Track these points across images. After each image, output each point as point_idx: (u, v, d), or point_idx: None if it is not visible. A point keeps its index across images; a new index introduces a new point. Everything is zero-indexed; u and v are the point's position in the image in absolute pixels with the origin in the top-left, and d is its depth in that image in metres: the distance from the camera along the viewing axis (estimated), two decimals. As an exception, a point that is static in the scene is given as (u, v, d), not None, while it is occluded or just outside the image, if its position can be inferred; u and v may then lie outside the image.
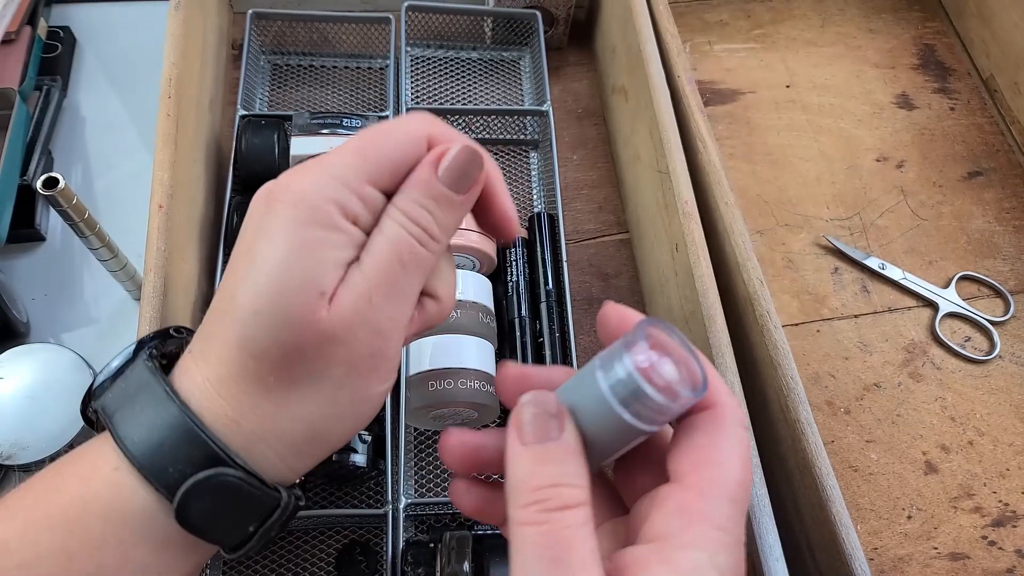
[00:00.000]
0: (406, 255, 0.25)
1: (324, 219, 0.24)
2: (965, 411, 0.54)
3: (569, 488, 0.22)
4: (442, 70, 0.64)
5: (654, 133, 0.52)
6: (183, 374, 0.25)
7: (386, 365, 0.25)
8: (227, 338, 0.24)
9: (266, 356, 0.23)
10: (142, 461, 0.23)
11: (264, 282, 0.23)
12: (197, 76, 0.54)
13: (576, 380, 0.25)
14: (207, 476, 0.23)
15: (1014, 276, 0.60)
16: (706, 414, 0.24)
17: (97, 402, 0.25)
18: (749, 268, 0.46)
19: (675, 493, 0.23)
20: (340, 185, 0.24)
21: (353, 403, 0.25)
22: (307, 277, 0.23)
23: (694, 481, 0.23)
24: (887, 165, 0.65)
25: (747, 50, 0.70)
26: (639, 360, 0.23)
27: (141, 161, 0.61)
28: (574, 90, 0.66)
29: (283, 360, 0.24)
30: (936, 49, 0.71)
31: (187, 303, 0.47)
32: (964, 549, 0.49)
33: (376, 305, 0.24)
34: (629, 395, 0.23)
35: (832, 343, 0.56)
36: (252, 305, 0.23)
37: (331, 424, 0.25)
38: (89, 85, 0.65)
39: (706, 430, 0.24)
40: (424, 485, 0.48)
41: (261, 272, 0.23)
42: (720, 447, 0.23)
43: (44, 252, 0.57)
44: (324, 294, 0.23)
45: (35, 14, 0.63)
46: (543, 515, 0.21)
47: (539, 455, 0.23)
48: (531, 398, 0.24)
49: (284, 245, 0.23)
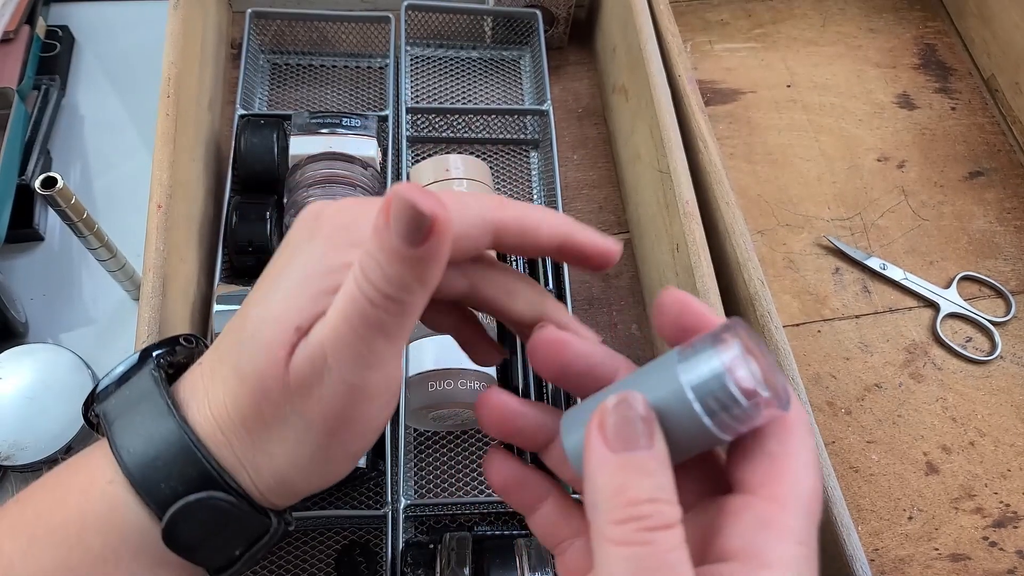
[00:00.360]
0: (355, 316, 0.22)
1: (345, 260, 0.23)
2: (966, 412, 0.54)
3: (668, 505, 0.20)
4: (442, 69, 0.64)
5: (655, 133, 0.52)
6: (188, 387, 0.25)
7: (352, 430, 0.23)
8: (229, 357, 0.24)
9: (247, 383, 0.23)
10: (136, 475, 0.23)
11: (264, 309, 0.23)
12: (196, 75, 0.54)
13: (646, 374, 0.22)
14: (198, 499, 0.23)
15: (1015, 276, 0.60)
16: (776, 421, 0.23)
17: (100, 406, 0.25)
18: (750, 268, 0.46)
19: (754, 505, 0.21)
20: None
21: (314, 461, 0.23)
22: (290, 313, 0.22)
23: (773, 493, 0.21)
24: (888, 165, 0.65)
25: (748, 49, 0.70)
26: (730, 361, 0.20)
27: (140, 161, 0.61)
28: (574, 89, 0.66)
29: (255, 394, 0.23)
30: (937, 49, 0.71)
31: (186, 303, 0.47)
32: (965, 550, 0.49)
33: (332, 365, 0.22)
34: (714, 399, 0.20)
35: (833, 343, 0.56)
36: (250, 328, 0.23)
37: (293, 475, 0.24)
38: (88, 84, 0.65)
39: (779, 438, 0.22)
40: (424, 486, 0.48)
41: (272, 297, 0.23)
42: (795, 456, 0.22)
43: (42, 252, 0.57)
44: (300, 329, 0.22)
45: (34, 13, 0.63)
46: (645, 535, 0.19)
47: (632, 465, 0.20)
48: (618, 399, 0.22)
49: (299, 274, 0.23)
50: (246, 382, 0.23)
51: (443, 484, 0.48)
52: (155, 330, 0.41)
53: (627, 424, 0.21)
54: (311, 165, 0.50)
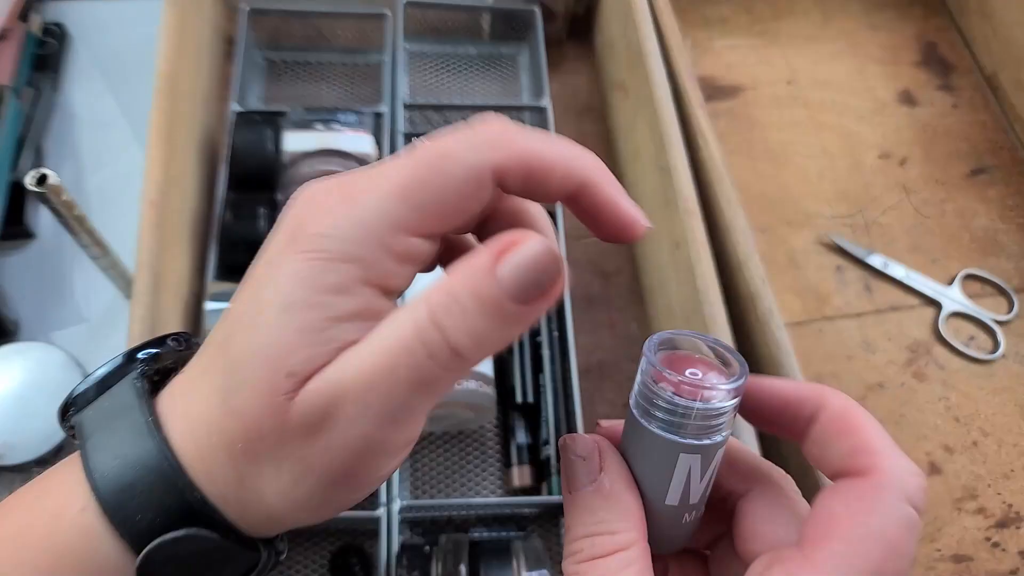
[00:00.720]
0: (404, 368, 0.18)
1: (336, 281, 0.19)
2: (969, 411, 0.53)
3: (603, 536, 0.21)
4: (439, 65, 0.64)
5: (654, 129, 0.51)
6: (173, 399, 0.22)
7: (357, 482, 0.21)
8: (215, 378, 0.21)
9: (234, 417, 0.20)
10: (110, 503, 0.20)
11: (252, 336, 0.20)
12: (191, 72, 0.53)
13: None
14: (176, 537, 0.20)
15: (1018, 274, 0.59)
16: (856, 479, 0.20)
17: (77, 416, 0.22)
18: (751, 266, 0.45)
19: (790, 560, 0.20)
20: (370, 237, 0.19)
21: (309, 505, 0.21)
22: (279, 351, 0.19)
23: (815, 554, 0.19)
24: (890, 162, 0.64)
25: (748, 46, 0.70)
26: (647, 363, 0.21)
27: (133, 158, 0.60)
28: (573, 86, 0.66)
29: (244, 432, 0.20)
30: (938, 45, 0.71)
31: (178, 301, 0.46)
32: (968, 551, 0.49)
33: (350, 417, 0.19)
34: (647, 403, 0.21)
35: (835, 342, 0.55)
36: (236, 355, 0.20)
37: (284, 514, 0.21)
38: (82, 81, 0.64)
39: (847, 498, 0.20)
40: (419, 487, 0.48)
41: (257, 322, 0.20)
42: (859, 521, 0.19)
43: (34, 250, 0.56)
44: (292, 375, 0.19)
45: (29, 10, 0.62)
46: (576, 567, 0.20)
47: (574, 504, 0.21)
48: (564, 443, 0.22)
49: (281, 300, 0.19)
50: (236, 418, 0.20)
51: (439, 485, 0.48)
52: (147, 328, 0.40)
53: (569, 466, 0.22)
54: (306, 162, 0.50)
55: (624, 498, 0.21)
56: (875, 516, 0.19)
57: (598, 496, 0.21)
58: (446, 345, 0.18)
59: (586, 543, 0.21)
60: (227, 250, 0.49)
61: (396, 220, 0.19)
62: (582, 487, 0.21)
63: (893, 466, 0.20)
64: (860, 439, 0.20)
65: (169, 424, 0.21)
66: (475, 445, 0.49)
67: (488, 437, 0.50)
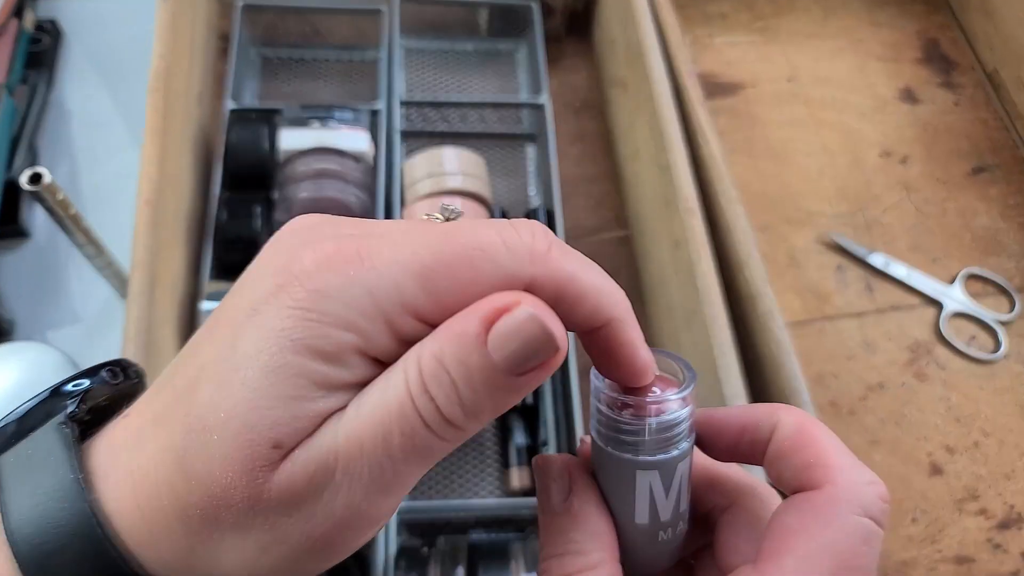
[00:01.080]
0: (399, 435, 0.17)
1: (330, 349, 0.17)
2: (970, 412, 0.53)
3: (571, 556, 0.21)
4: (436, 62, 0.63)
5: (654, 127, 0.51)
6: (113, 451, 0.19)
7: (331, 552, 0.19)
8: (172, 434, 0.18)
9: (195, 483, 0.18)
10: (29, 568, 0.18)
11: (225, 394, 0.17)
12: (185, 69, 0.53)
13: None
14: None
15: (1019, 274, 0.59)
16: (809, 493, 0.20)
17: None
18: (752, 265, 0.45)
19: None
20: (375, 310, 0.17)
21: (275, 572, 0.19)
22: (261, 419, 0.17)
23: (767, 569, 0.19)
24: (891, 160, 0.64)
25: (748, 43, 0.69)
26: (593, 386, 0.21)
27: (128, 156, 0.60)
28: (572, 83, 0.65)
29: (206, 500, 0.18)
30: (940, 43, 0.70)
31: (173, 301, 0.46)
32: (969, 552, 0.48)
33: (338, 487, 0.17)
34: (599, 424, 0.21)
35: (835, 342, 0.55)
36: (202, 412, 0.18)
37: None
38: (76, 79, 0.64)
39: (801, 512, 0.19)
40: (417, 489, 0.47)
41: (232, 379, 0.17)
42: (811, 535, 0.19)
43: (29, 249, 0.56)
44: (279, 447, 0.17)
45: (22, 7, 0.62)
46: None
47: (548, 524, 0.21)
48: (536, 464, 0.22)
49: (265, 360, 0.17)
50: (198, 484, 0.17)
51: (437, 487, 0.47)
52: (143, 327, 0.40)
53: (540, 487, 0.22)
54: (302, 160, 0.49)
55: (592, 519, 0.21)
56: (828, 529, 0.19)
57: (567, 517, 0.21)
58: (440, 417, 0.17)
59: (555, 563, 0.21)
60: (223, 249, 0.49)
61: (407, 300, 0.17)
62: (552, 508, 0.21)
63: (848, 478, 0.20)
64: (813, 452, 0.20)
65: (107, 483, 0.19)
66: (473, 447, 0.49)
67: (486, 438, 0.50)
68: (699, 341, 0.44)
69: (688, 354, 0.46)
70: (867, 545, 0.19)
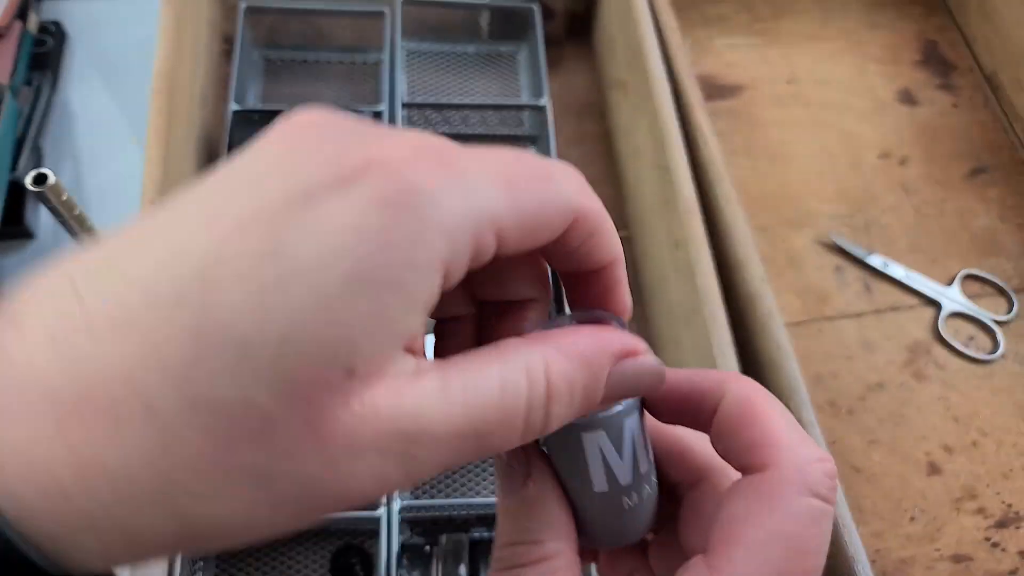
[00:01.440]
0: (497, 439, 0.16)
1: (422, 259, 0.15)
2: (968, 411, 0.53)
3: (527, 546, 0.20)
4: (438, 64, 0.64)
5: (654, 129, 0.51)
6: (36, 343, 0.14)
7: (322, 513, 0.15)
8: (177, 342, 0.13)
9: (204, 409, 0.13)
10: None
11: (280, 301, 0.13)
12: (189, 71, 0.53)
13: None
14: None
15: (1017, 275, 0.59)
16: (756, 477, 0.19)
17: None
18: (751, 266, 0.45)
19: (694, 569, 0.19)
20: (467, 216, 0.15)
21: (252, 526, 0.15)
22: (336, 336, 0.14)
23: (717, 562, 0.18)
24: (889, 162, 0.64)
25: (748, 45, 0.70)
26: None
27: (132, 157, 0.60)
28: (572, 85, 0.66)
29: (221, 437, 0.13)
30: (939, 45, 0.71)
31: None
32: (967, 551, 0.49)
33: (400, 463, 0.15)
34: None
35: (834, 342, 0.55)
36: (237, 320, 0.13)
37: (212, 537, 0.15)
38: (80, 80, 0.64)
39: (747, 498, 0.19)
40: (420, 487, 0.47)
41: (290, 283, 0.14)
42: (758, 522, 0.18)
43: (34, 250, 0.56)
44: (352, 375, 0.14)
45: (26, 8, 0.62)
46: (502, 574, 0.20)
47: (505, 511, 0.21)
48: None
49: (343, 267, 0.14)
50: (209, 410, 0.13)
51: (439, 485, 0.48)
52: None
53: (498, 474, 0.21)
54: (305, 161, 0.49)
55: (549, 507, 0.21)
56: (775, 515, 0.18)
57: (524, 504, 0.21)
58: (539, 430, 0.16)
59: (509, 551, 0.20)
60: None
61: (496, 213, 0.16)
62: (508, 495, 0.21)
63: (792, 457, 0.19)
64: (759, 430, 0.19)
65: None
66: (475, 445, 0.49)
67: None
68: (699, 341, 0.44)
69: (688, 354, 0.46)
70: (817, 526, 0.18)
